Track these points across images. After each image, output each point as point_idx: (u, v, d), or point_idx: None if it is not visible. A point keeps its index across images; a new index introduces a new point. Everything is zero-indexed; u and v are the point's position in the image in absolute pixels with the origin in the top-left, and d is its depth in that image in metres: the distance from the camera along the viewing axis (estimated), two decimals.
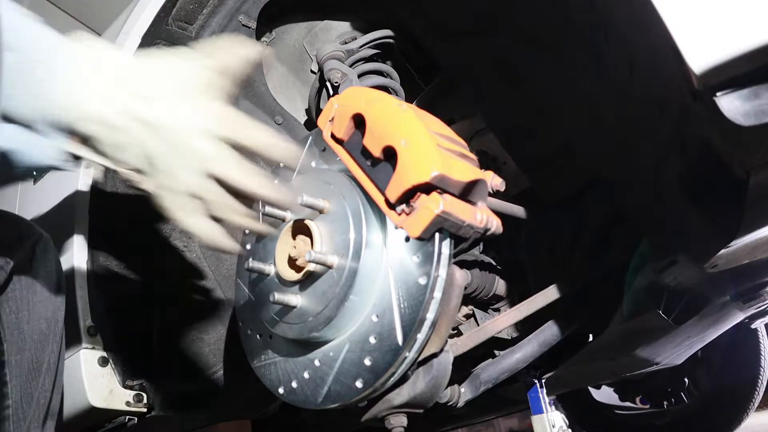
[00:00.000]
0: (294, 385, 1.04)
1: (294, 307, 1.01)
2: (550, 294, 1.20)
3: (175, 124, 0.75)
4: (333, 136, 0.99)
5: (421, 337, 0.91)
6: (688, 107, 0.73)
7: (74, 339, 1.39)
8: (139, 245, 1.50)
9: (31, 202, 1.70)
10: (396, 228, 0.93)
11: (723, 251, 0.84)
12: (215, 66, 0.81)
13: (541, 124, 1.19)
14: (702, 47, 0.63)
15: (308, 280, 1.00)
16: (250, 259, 1.08)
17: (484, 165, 0.99)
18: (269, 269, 1.07)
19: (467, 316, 1.34)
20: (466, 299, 1.31)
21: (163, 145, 0.75)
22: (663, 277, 1.03)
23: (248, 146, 0.79)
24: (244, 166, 0.79)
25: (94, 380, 1.37)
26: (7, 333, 1.02)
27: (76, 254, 1.42)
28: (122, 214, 1.49)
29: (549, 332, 1.25)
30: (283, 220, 1.07)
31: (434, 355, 0.99)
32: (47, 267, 1.10)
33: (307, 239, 1.03)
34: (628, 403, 3.10)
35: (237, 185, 0.79)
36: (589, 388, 3.01)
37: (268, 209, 1.04)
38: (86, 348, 1.38)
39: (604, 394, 3.07)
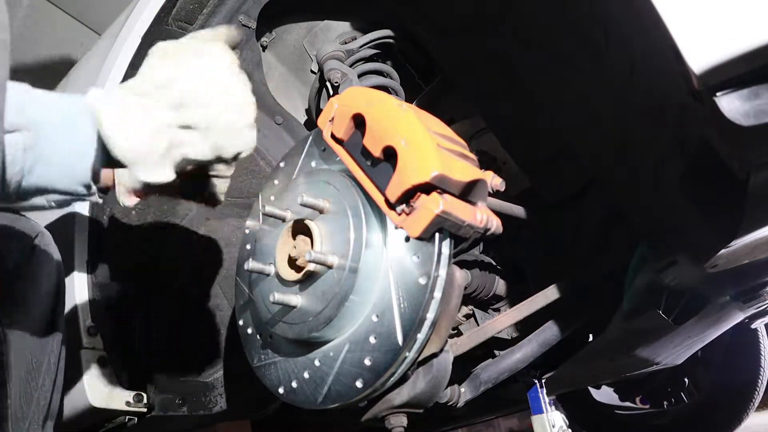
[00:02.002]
0: (294, 385, 1.04)
1: (294, 307, 1.01)
2: (550, 294, 1.20)
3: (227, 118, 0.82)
4: (333, 136, 0.99)
5: (421, 337, 0.91)
6: (688, 107, 0.73)
7: (74, 339, 1.39)
8: (138, 246, 1.50)
9: None
10: (396, 228, 0.93)
11: (723, 251, 0.84)
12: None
13: (541, 124, 1.19)
14: (702, 47, 0.63)
15: (308, 280, 1.00)
16: (250, 260, 1.08)
17: (484, 165, 0.99)
18: (269, 269, 1.07)
19: (467, 316, 1.34)
20: (466, 299, 1.31)
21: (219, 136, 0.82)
22: (663, 277, 1.03)
23: None
24: None
25: (94, 380, 1.37)
26: (6, 332, 1.01)
27: (77, 254, 1.42)
28: (122, 215, 1.49)
29: (549, 332, 1.25)
30: (284, 220, 1.07)
31: (434, 355, 0.99)
32: (47, 264, 1.09)
33: (307, 239, 1.03)
34: (628, 403, 3.10)
35: None
36: (589, 388, 3.01)
37: (268, 209, 1.04)
38: (86, 348, 1.38)
39: (604, 394, 3.07)
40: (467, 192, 0.88)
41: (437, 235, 0.90)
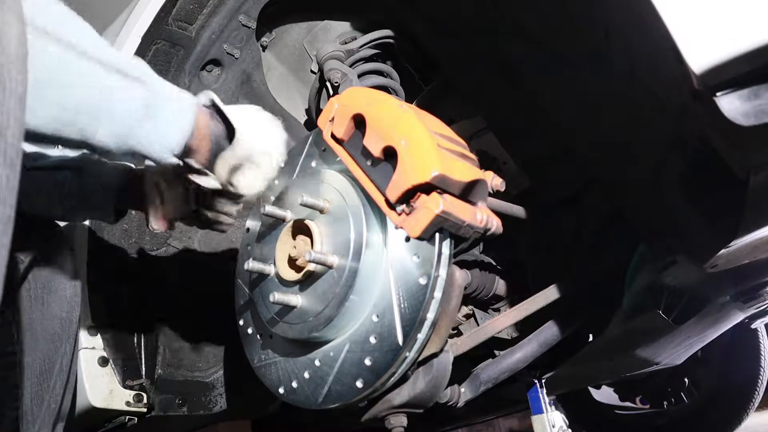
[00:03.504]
0: (294, 385, 1.04)
1: (294, 307, 1.01)
2: (550, 294, 1.20)
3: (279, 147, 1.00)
4: (333, 136, 0.99)
5: (421, 337, 0.91)
6: (689, 107, 0.73)
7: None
8: (138, 246, 1.50)
9: None
10: (396, 228, 0.93)
11: (723, 251, 0.84)
12: None
13: (542, 124, 1.19)
14: (702, 47, 0.63)
15: (308, 280, 1.00)
16: (250, 260, 1.08)
17: (484, 165, 0.99)
18: (269, 269, 1.07)
19: (467, 316, 1.34)
20: (466, 299, 1.31)
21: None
22: (663, 277, 1.03)
23: None
24: None
25: (94, 380, 1.37)
26: (20, 333, 0.99)
27: (78, 255, 1.41)
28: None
29: (549, 332, 1.25)
30: (284, 220, 1.07)
31: (434, 355, 0.99)
32: (63, 264, 1.06)
33: (307, 239, 1.03)
34: (628, 403, 3.10)
35: None
36: (589, 388, 3.01)
37: (268, 209, 1.04)
38: (86, 348, 1.38)
39: (604, 394, 3.07)
40: (467, 192, 0.88)
41: (437, 235, 0.90)
